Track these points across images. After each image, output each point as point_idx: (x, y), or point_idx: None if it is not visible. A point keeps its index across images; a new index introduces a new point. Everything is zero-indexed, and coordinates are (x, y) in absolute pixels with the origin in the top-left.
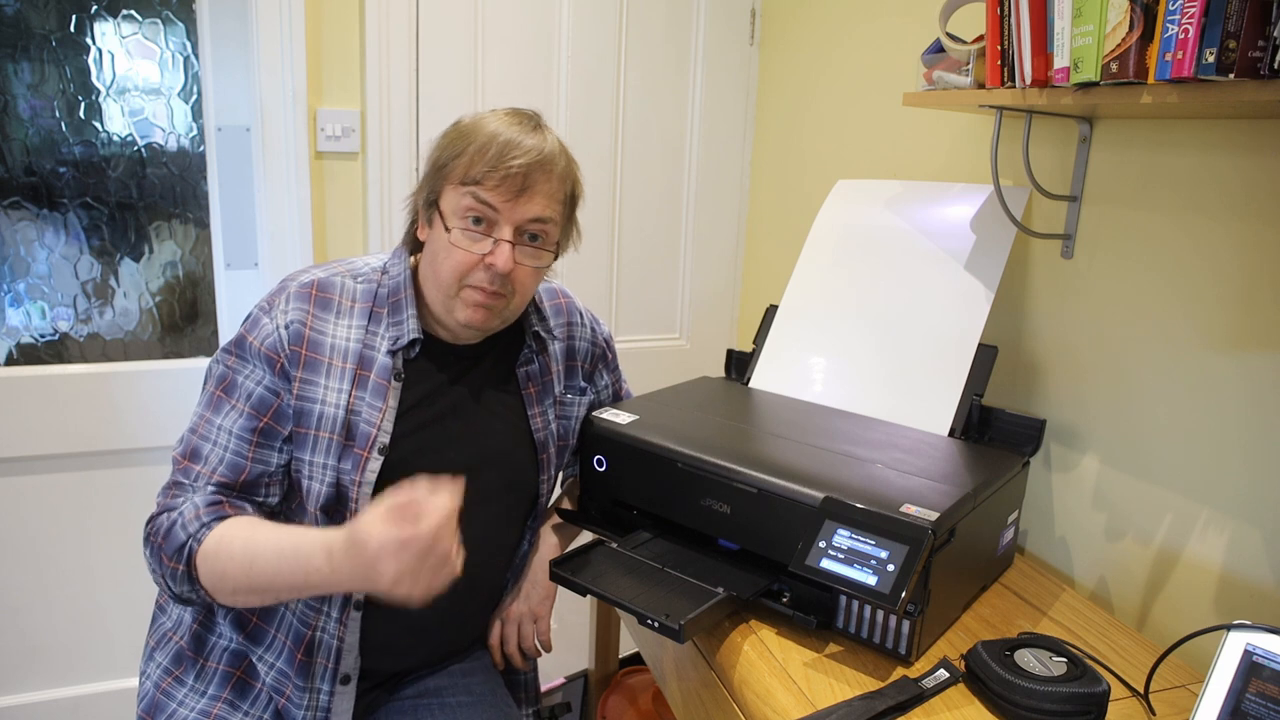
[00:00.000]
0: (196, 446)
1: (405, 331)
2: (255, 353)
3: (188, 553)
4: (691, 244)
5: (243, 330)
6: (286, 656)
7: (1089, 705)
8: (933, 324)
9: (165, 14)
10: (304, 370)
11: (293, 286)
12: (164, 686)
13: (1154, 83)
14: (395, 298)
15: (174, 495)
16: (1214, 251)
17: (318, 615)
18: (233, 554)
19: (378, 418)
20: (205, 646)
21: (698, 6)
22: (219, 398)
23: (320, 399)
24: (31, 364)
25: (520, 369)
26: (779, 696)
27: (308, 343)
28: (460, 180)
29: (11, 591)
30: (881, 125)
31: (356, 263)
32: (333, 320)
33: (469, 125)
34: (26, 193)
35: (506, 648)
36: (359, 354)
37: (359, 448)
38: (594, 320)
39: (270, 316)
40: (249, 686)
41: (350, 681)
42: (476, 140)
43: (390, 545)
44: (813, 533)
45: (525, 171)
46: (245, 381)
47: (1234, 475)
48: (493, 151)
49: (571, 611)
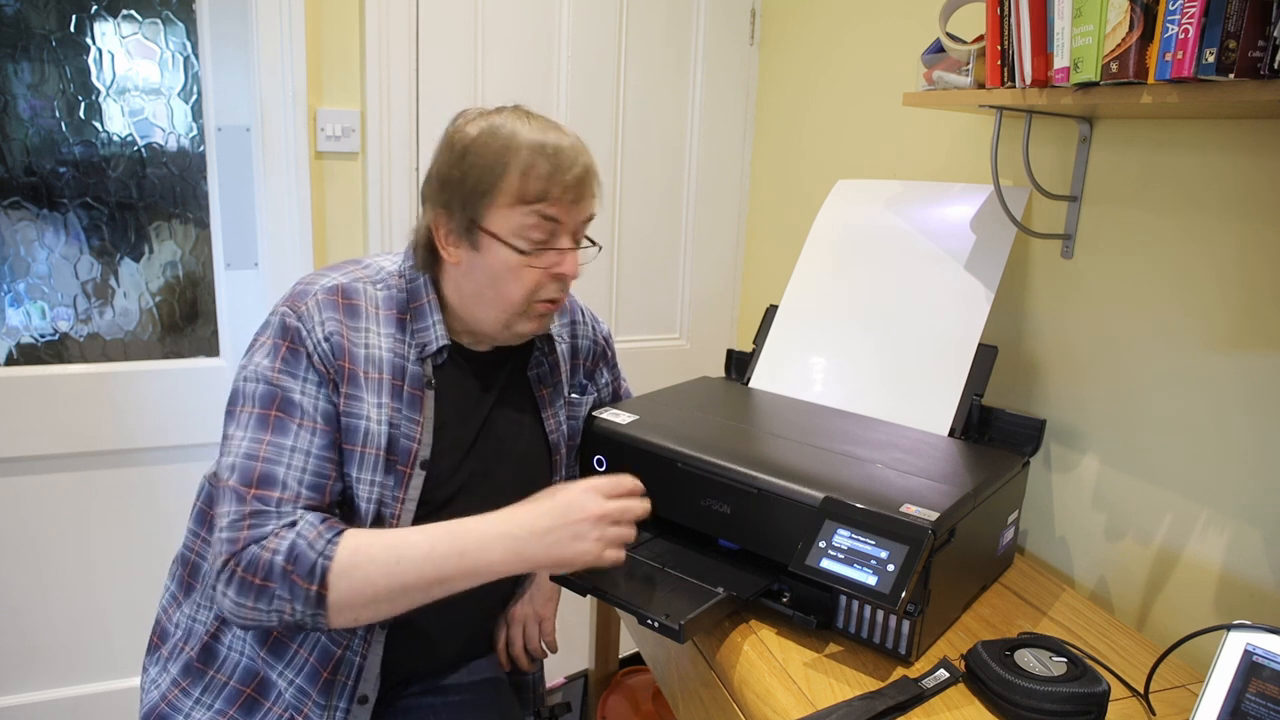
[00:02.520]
0: (267, 473)
1: (433, 338)
2: (308, 365)
3: (320, 571)
4: (691, 244)
5: (278, 340)
6: (309, 674)
7: (1089, 705)
8: (933, 324)
9: (165, 14)
10: (348, 385)
11: (317, 293)
12: (170, 697)
13: (1154, 83)
14: (416, 303)
15: (254, 526)
16: (1214, 251)
17: (349, 634)
18: (373, 559)
19: (417, 431)
20: (215, 659)
21: (698, 6)
22: (278, 419)
23: (365, 414)
24: (31, 364)
25: (532, 372)
26: (779, 696)
27: (348, 355)
28: (517, 200)
29: (11, 591)
30: (881, 125)
31: (371, 266)
32: (364, 329)
33: (500, 141)
34: (26, 193)
35: (512, 650)
36: (392, 363)
37: (401, 464)
38: (594, 318)
39: (306, 327)
40: (258, 705)
41: (368, 703)
42: (519, 156)
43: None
44: (813, 533)
45: (582, 177)
46: (304, 398)
47: (1234, 475)
48: (546, 167)
49: (572, 611)
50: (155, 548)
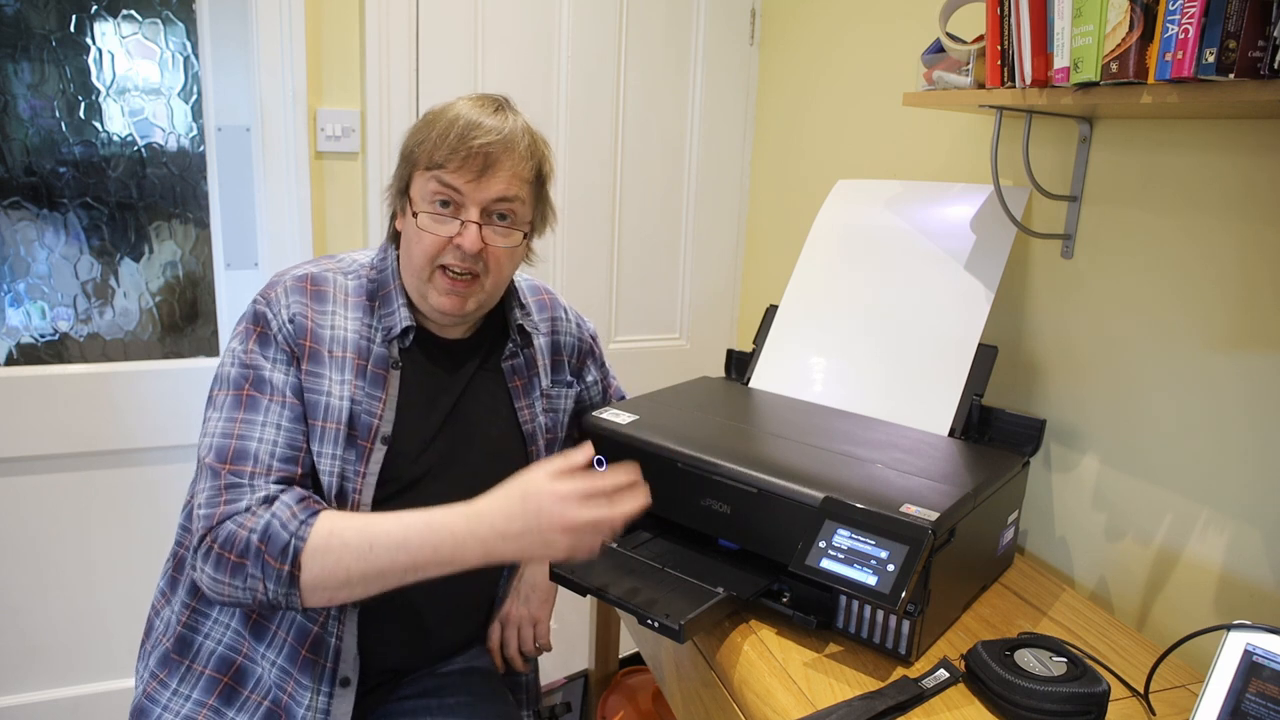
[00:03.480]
0: (241, 448)
1: (397, 321)
2: (275, 345)
3: (293, 551)
4: (691, 244)
5: (250, 326)
6: (288, 653)
7: (1089, 705)
8: (933, 324)
9: (165, 14)
10: (309, 362)
11: (286, 281)
12: (149, 690)
13: (1154, 83)
14: (384, 290)
15: (230, 501)
16: (1214, 251)
17: (322, 613)
18: (347, 543)
19: (378, 408)
20: (191, 649)
21: (698, 6)
22: (251, 396)
23: (325, 390)
24: (31, 364)
25: (505, 363)
26: (779, 696)
27: (311, 334)
28: (426, 165)
29: (11, 591)
30: (881, 125)
31: (344, 259)
32: (330, 312)
33: (434, 112)
34: (26, 193)
35: (506, 651)
36: (357, 344)
37: (362, 439)
38: (578, 317)
39: (273, 311)
40: (236, 694)
41: (350, 685)
42: (439, 125)
43: (573, 495)
44: (813, 533)
45: (486, 151)
46: (274, 375)
47: (1234, 475)
48: (454, 134)
49: (571, 611)
50: (155, 548)
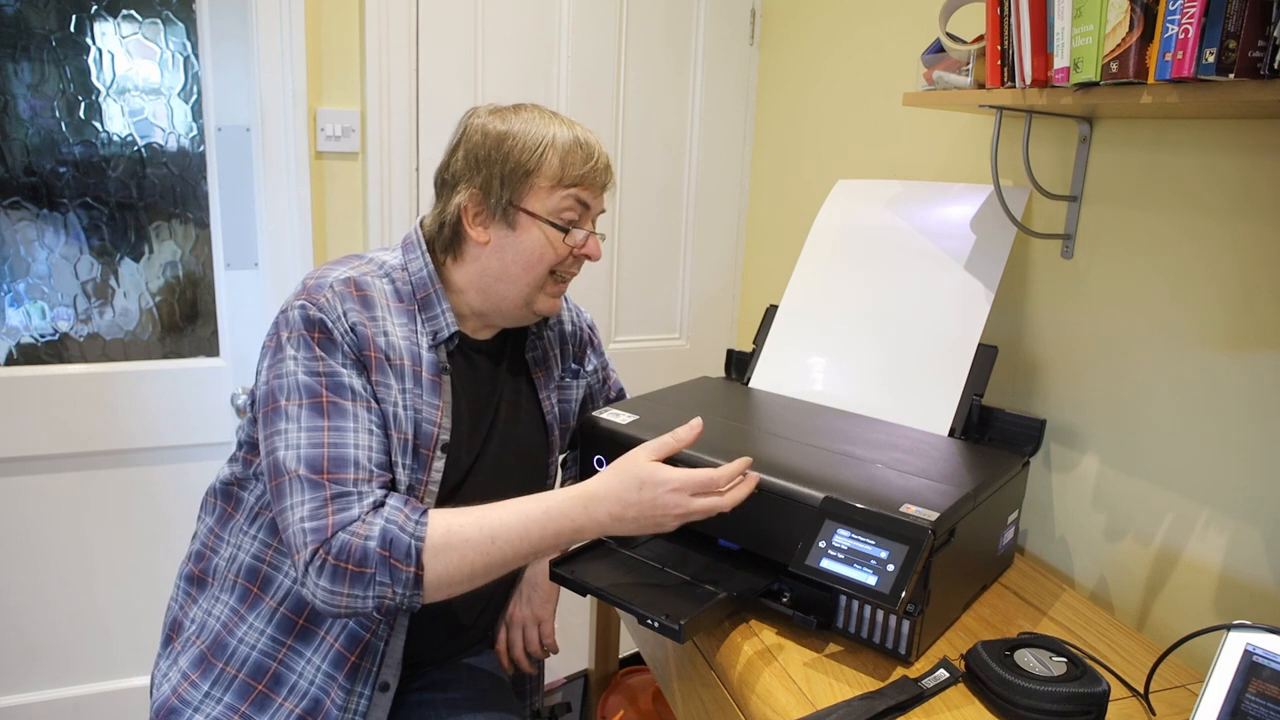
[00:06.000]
0: (338, 456)
1: (443, 325)
2: (342, 352)
3: (415, 553)
4: (691, 244)
5: (305, 332)
6: (334, 659)
7: (1089, 705)
8: (933, 324)
9: (165, 14)
10: (376, 372)
11: (333, 284)
12: (180, 691)
13: (1154, 83)
14: (423, 294)
15: (339, 510)
16: (1214, 251)
17: (376, 619)
18: (468, 539)
19: (437, 415)
20: (225, 651)
21: (698, 6)
22: (333, 403)
23: (393, 400)
24: (31, 364)
25: (529, 355)
26: (779, 696)
27: (372, 344)
28: (557, 183)
29: (11, 591)
30: (881, 125)
31: (373, 261)
32: (379, 319)
33: (538, 130)
34: (26, 193)
35: (513, 652)
36: (409, 351)
37: (424, 448)
38: (576, 306)
39: (330, 317)
40: (269, 701)
41: (389, 690)
42: (557, 143)
43: (688, 487)
44: (813, 533)
45: (609, 167)
46: (352, 381)
47: (1234, 475)
48: (581, 154)
49: (571, 611)
50: (154, 548)
